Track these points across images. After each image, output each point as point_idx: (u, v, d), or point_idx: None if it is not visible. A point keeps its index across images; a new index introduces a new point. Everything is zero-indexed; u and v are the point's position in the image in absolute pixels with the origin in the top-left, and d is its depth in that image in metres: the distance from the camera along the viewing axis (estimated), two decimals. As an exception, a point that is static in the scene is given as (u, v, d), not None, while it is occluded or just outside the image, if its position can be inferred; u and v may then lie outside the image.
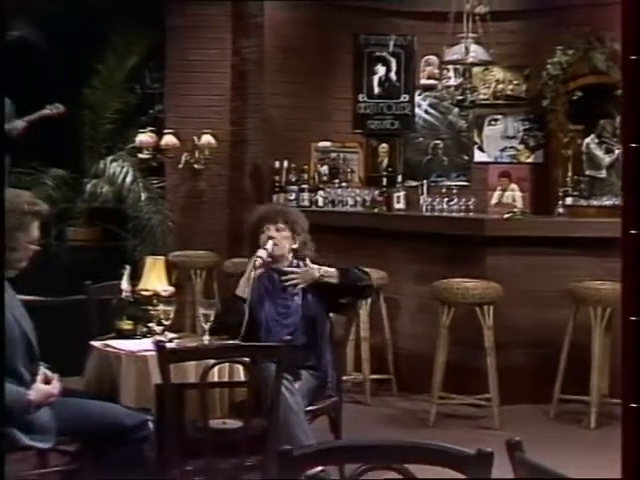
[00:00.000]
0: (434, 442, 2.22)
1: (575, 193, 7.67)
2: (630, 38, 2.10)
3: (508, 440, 2.16)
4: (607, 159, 7.67)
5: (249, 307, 4.74)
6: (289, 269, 4.87)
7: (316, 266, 4.82)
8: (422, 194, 7.96)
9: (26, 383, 3.86)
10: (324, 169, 8.25)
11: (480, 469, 2.11)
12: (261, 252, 4.83)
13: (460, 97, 7.72)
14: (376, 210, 7.80)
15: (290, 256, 4.93)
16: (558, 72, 7.77)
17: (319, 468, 4.25)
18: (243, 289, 4.79)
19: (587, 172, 7.79)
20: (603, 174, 7.73)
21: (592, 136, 7.77)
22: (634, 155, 2.09)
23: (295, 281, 4.82)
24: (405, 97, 8.59)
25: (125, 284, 4.82)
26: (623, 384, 2.06)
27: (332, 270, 4.83)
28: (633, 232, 2.05)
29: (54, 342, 4.11)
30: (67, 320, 5.78)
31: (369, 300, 6.71)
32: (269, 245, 4.84)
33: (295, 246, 4.93)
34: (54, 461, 4.36)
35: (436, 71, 8.39)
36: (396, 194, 8.02)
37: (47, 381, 3.96)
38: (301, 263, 4.90)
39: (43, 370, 3.98)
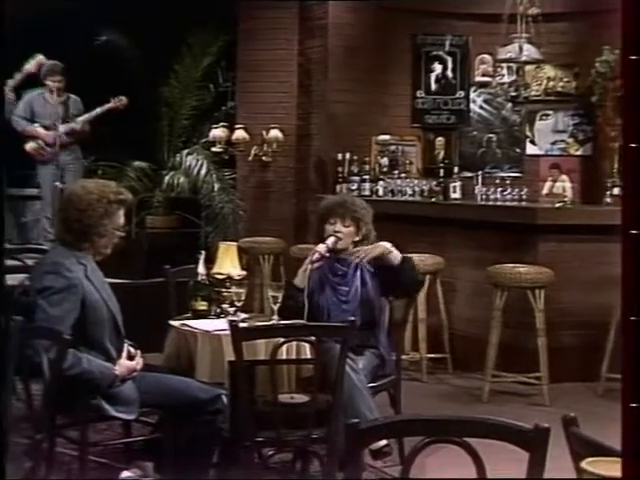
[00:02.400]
0: (493, 417, 2.19)
1: (622, 183, 7.54)
2: (630, 38, 2.01)
3: (564, 416, 2.13)
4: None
5: (310, 293, 4.74)
6: (357, 249, 4.82)
7: (387, 243, 4.80)
8: (477, 184, 7.88)
9: (112, 359, 3.91)
10: (384, 161, 8.22)
11: (538, 443, 2.09)
12: (321, 247, 4.79)
13: (514, 93, 7.65)
14: (433, 199, 7.74)
15: (351, 247, 4.89)
16: (606, 70, 7.64)
17: (383, 442, 4.27)
18: (301, 279, 4.77)
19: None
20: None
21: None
22: (634, 155, 2.01)
23: (362, 254, 4.77)
24: (461, 93, 8.53)
25: (201, 268, 4.84)
26: (623, 384, 1.98)
27: (398, 253, 4.79)
28: (633, 232, 1.96)
29: (137, 321, 4.14)
30: (148, 301, 5.83)
31: (426, 284, 6.69)
32: (330, 241, 4.80)
33: (357, 239, 4.89)
34: (136, 431, 4.42)
35: (490, 69, 8.32)
36: (452, 184, 7.95)
37: (130, 357, 4.01)
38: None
39: (127, 347, 4.03)
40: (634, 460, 1.90)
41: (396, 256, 4.79)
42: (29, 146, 8.20)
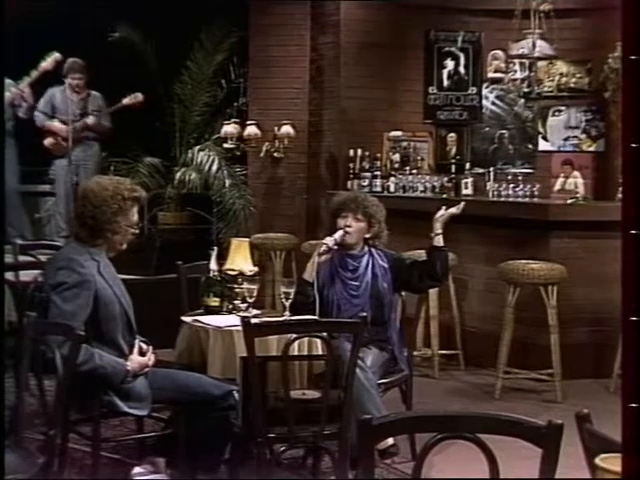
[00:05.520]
0: (506, 413, 2.18)
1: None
2: (630, 38, 1.99)
3: (577, 412, 2.12)
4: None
5: (321, 288, 4.75)
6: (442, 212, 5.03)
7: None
8: (489, 181, 7.87)
9: (125, 355, 3.92)
10: (396, 157, 8.22)
11: (551, 440, 2.08)
12: (328, 239, 4.81)
13: (526, 89, 7.63)
14: (445, 196, 7.73)
15: (362, 243, 4.92)
16: (619, 66, 7.61)
17: (390, 442, 4.28)
18: (309, 273, 4.79)
19: None
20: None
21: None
22: (634, 155, 1.99)
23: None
24: (473, 89, 8.51)
25: (213, 264, 4.84)
26: (623, 384, 1.97)
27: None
28: (633, 232, 1.95)
29: (148, 317, 4.15)
30: (160, 297, 5.84)
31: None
32: (338, 234, 4.82)
33: (368, 236, 4.92)
34: (149, 427, 4.43)
35: (502, 65, 8.30)
36: (464, 180, 7.94)
37: (142, 353, 4.01)
38: (373, 250, 4.92)
39: (139, 342, 4.03)
40: (633, 459, 1.90)
41: (439, 240, 4.92)
42: (47, 141, 8.29)
